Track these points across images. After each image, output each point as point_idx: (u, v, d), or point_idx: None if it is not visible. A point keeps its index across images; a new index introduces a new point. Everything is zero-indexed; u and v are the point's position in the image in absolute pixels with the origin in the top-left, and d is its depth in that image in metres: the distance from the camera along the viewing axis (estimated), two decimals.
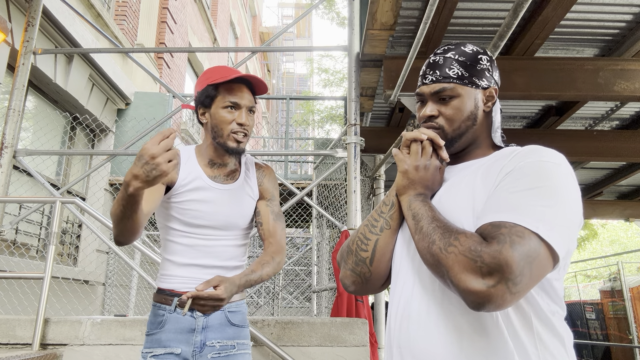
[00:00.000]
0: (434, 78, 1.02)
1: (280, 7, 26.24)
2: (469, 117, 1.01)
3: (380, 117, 5.02)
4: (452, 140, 1.01)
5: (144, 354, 1.43)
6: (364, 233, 1.01)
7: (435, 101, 1.02)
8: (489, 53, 1.05)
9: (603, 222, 16.75)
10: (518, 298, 0.77)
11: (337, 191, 5.09)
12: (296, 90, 25.57)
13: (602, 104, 4.38)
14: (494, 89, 1.04)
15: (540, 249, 0.77)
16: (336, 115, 13.36)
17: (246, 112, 1.49)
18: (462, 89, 1.00)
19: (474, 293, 0.76)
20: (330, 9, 12.80)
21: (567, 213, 0.82)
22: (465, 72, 1.00)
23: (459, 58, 1.01)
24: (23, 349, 2.26)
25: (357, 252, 1.01)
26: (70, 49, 4.42)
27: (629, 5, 3.00)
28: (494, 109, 1.05)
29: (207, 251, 1.49)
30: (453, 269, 0.79)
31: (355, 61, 3.15)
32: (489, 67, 1.03)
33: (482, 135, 1.04)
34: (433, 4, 2.03)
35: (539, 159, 0.87)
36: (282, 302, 8.94)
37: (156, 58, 7.07)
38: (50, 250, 2.42)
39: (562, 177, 0.84)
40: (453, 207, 0.93)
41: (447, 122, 1.01)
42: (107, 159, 3.47)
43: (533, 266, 0.76)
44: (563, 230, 0.80)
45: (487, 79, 1.02)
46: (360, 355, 2.29)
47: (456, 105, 1.00)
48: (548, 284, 0.86)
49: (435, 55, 1.05)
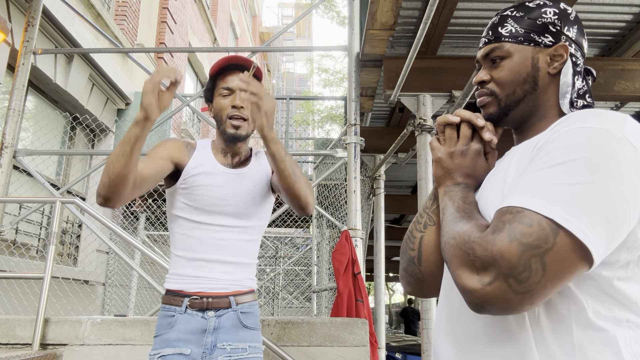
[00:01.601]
0: (486, 40, 0.91)
1: (280, 7, 26.25)
2: (526, 80, 0.86)
3: (380, 117, 5.02)
4: (506, 107, 0.88)
5: (151, 356, 1.38)
6: (411, 231, 0.93)
7: (488, 65, 0.91)
8: (564, 6, 0.88)
9: None
10: (532, 300, 0.62)
11: (337, 191, 5.09)
12: (296, 90, 25.56)
13: (602, 104, 4.38)
14: (563, 46, 0.85)
15: (554, 239, 0.61)
16: (336, 115, 13.36)
17: (240, 94, 1.48)
18: (514, 48, 0.87)
19: (469, 292, 0.65)
20: (330, 9, 12.80)
21: (609, 193, 0.63)
22: (520, 29, 0.87)
23: (516, 14, 0.89)
24: (23, 349, 2.26)
25: (406, 251, 0.93)
26: (70, 49, 4.42)
27: (629, 5, 3.00)
28: (564, 71, 0.86)
29: (217, 244, 1.45)
30: (452, 264, 0.70)
31: (355, 61, 3.15)
32: (555, 21, 0.86)
33: (548, 102, 0.87)
34: (433, 4, 2.04)
35: (579, 125, 0.69)
36: (282, 302, 8.94)
37: (156, 58, 7.07)
38: (50, 250, 2.42)
39: (606, 146, 0.65)
40: (486, 194, 0.81)
41: (498, 86, 0.89)
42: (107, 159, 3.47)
43: (547, 260, 0.61)
44: (597, 215, 0.62)
45: (553, 34, 0.86)
46: (360, 355, 2.29)
47: (507, 67, 0.87)
48: (606, 283, 0.68)
49: (495, 16, 0.93)
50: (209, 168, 1.48)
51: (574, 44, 0.87)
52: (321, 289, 5.15)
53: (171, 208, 1.49)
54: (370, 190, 5.47)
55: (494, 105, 0.90)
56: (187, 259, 1.45)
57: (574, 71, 0.86)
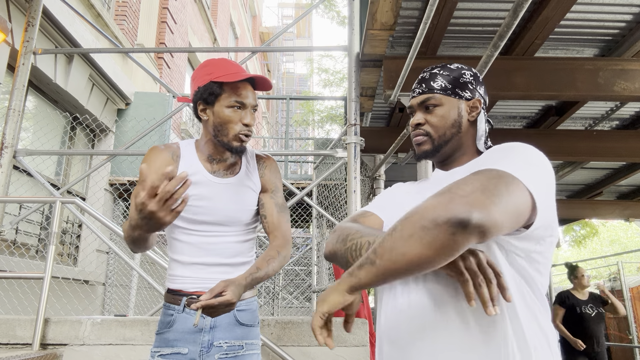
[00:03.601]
0: (420, 90, 1.13)
1: (280, 7, 26.24)
2: (454, 125, 1.09)
3: (380, 117, 5.02)
4: (439, 146, 1.10)
5: (152, 353, 1.42)
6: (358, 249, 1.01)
7: (422, 111, 1.12)
8: (474, 70, 1.15)
9: (603, 221, 16.75)
10: (505, 213, 0.77)
11: (337, 191, 5.09)
12: (296, 90, 25.56)
13: (602, 104, 4.38)
14: (478, 100, 1.11)
15: (513, 179, 0.82)
16: (336, 115, 13.36)
17: (251, 111, 1.46)
18: (445, 99, 1.10)
19: (450, 205, 0.75)
20: (330, 9, 12.79)
21: (542, 176, 0.87)
22: (448, 84, 1.10)
23: (443, 73, 1.12)
24: (23, 349, 2.26)
25: (345, 256, 1.03)
26: (70, 49, 4.42)
27: (629, 5, 2.99)
28: (479, 119, 1.12)
29: (210, 249, 1.46)
30: (436, 210, 0.77)
31: (355, 61, 3.15)
32: (472, 80, 1.12)
33: (468, 142, 1.11)
34: (433, 4, 2.03)
35: (507, 146, 0.95)
36: (282, 302, 8.94)
37: (156, 58, 7.07)
38: (50, 250, 2.42)
39: (531, 152, 0.91)
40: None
41: (433, 128, 1.10)
42: (107, 159, 3.47)
43: (511, 186, 0.80)
44: (541, 183, 0.85)
45: (471, 91, 1.11)
46: (360, 355, 2.29)
47: (440, 114, 1.09)
48: (529, 277, 0.90)
49: (423, 73, 1.15)
50: (197, 177, 1.45)
51: (482, 99, 1.12)
52: (321, 289, 5.15)
53: None
54: (370, 190, 5.47)
55: (428, 144, 1.11)
56: (182, 262, 1.46)
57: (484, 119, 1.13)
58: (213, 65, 1.45)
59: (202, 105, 1.46)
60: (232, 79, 1.40)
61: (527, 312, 0.88)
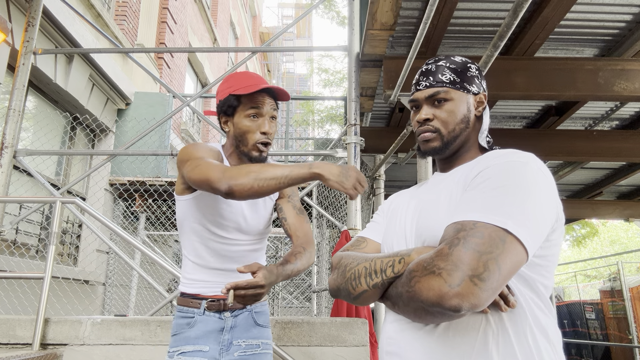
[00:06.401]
0: (427, 84, 1.07)
1: (280, 7, 26.23)
2: (463, 120, 1.05)
3: (380, 117, 5.02)
4: (448, 142, 1.05)
5: (170, 353, 1.45)
6: (359, 277, 0.99)
7: (430, 105, 1.06)
8: (477, 65, 1.12)
9: (603, 221, 16.76)
10: (494, 295, 0.77)
11: (337, 191, 5.08)
12: (296, 90, 25.54)
13: (602, 104, 4.38)
14: (484, 94, 1.09)
15: (503, 245, 0.78)
16: (336, 115, 13.35)
17: (269, 120, 1.49)
18: (455, 93, 1.05)
19: (441, 297, 0.76)
20: (330, 9, 12.79)
21: (536, 208, 0.84)
22: (457, 78, 1.05)
23: (450, 65, 1.07)
24: (23, 348, 2.26)
25: (347, 286, 1.02)
26: (70, 49, 4.42)
27: (629, 5, 3.00)
28: (485, 113, 1.10)
29: (230, 257, 1.52)
30: (415, 284, 0.82)
31: (355, 61, 3.15)
32: (477, 74, 1.09)
33: (472, 138, 1.08)
34: (433, 4, 2.03)
35: (505, 160, 0.90)
36: (282, 302, 8.94)
37: (156, 58, 7.07)
38: (50, 250, 2.42)
39: (528, 174, 0.86)
40: (434, 219, 0.95)
41: (442, 124, 1.05)
42: (107, 159, 3.47)
43: (500, 261, 0.77)
44: (531, 224, 0.82)
45: (477, 85, 1.08)
46: (360, 355, 2.29)
47: (450, 109, 1.05)
48: (532, 280, 0.89)
49: (427, 65, 1.10)
50: None
51: (486, 93, 1.11)
52: (321, 289, 5.15)
53: (183, 215, 1.52)
54: (370, 190, 5.47)
55: (437, 140, 1.05)
56: (200, 265, 1.51)
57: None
58: (234, 79, 1.51)
59: (224, 117, 1.53)
60: (248, 90, 1.45)
61: (531, 316, 0.87)
